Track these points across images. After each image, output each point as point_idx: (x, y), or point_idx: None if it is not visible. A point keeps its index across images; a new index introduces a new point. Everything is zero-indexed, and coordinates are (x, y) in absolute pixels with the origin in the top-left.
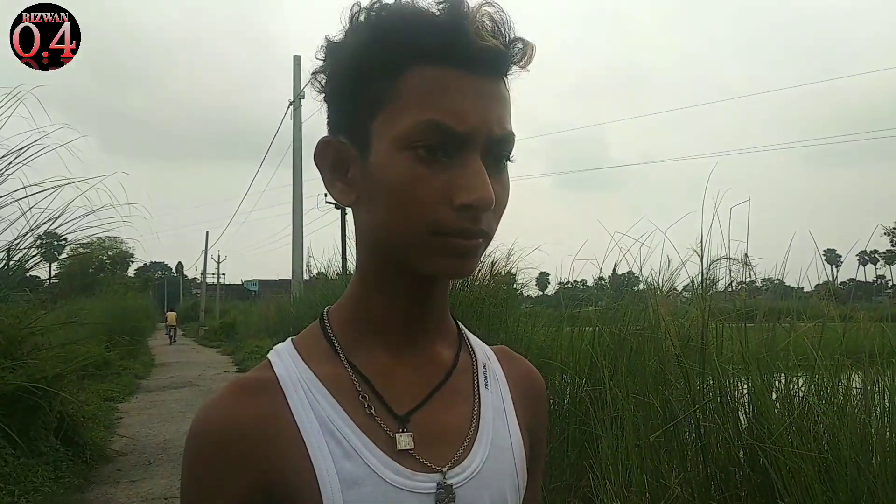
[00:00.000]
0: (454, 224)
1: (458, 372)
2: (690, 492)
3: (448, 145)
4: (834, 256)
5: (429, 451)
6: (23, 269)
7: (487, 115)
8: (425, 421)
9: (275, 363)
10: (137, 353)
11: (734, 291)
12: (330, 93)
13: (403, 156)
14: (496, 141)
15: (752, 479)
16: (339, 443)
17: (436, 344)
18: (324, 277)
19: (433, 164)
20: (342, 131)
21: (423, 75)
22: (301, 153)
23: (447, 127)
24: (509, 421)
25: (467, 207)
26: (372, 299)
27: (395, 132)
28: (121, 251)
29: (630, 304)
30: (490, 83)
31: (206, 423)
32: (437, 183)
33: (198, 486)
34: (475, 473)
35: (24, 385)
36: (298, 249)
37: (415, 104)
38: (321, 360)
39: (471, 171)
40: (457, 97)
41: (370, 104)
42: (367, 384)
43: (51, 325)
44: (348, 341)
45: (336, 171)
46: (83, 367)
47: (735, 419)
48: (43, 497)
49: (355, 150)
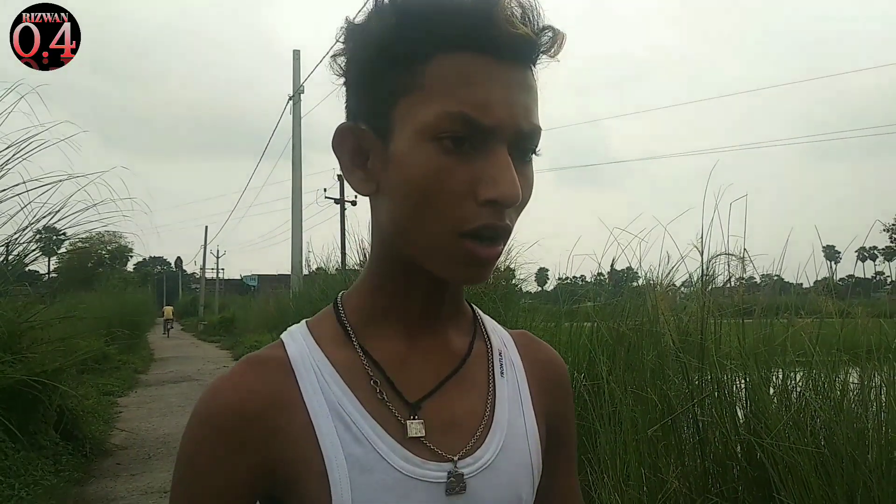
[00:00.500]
0: (479, 220)
1: (472, 360)
2: (688, 486)
3: (474, 138)
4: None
5: (440, 440)
6: (22, 264)
7: (515, 108)
8: (437, 409)
9: (287, 343)
10: (137, 347)
11: (733, 287)
12: (350, 77)
13: (428, 146)
14: (524, 135)
15: (749, 473)
16: (349, 428)
17: (450, 331)
18: (323, 272)
19: (458, 155)
20: (362, 118)
21: (450, 63)
22: (300, 148)
23: (474, 119)
24: (525, 410)
25: (492, 202)
26: (386, 289)
27: (419, 122)
28: (120, 246)
29: (629, 300)
30: (519, 73)
31: (213, 398)
32: (462, 175)
33: (195, 462)
34: (488, 464)
35: (24, 379)
36: (297, 244)
37: (441, 93)
38: (334, 344)
39: (497, 164)
40: (484, 88)
41: (393, 91)
42: (378, 370)
43: (50, 319)
44: (361, 327)
45: (356, 158)
46: (82, 362)
47: (733, 414)
48: (43, 490)
49: (376, 137)
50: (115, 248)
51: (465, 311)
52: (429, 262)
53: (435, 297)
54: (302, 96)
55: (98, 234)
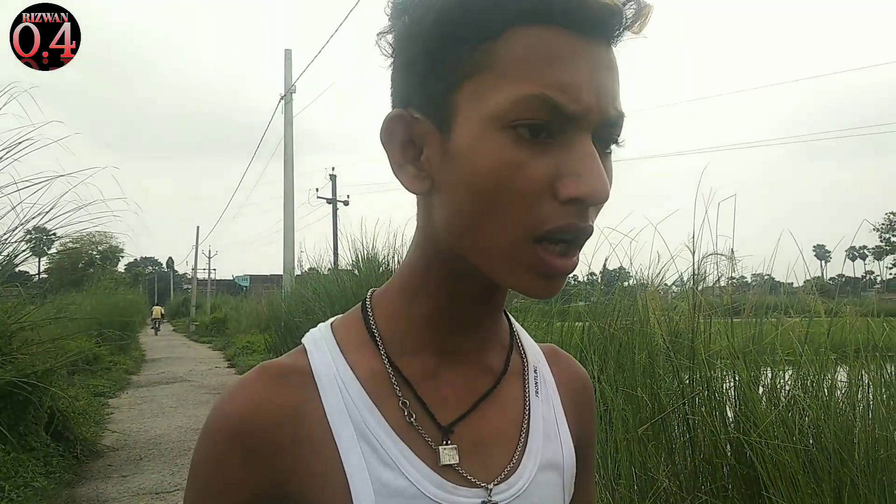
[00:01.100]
0: (560, 221)
1: (507, 378)
2: (678, 484)
3: (554, 125)
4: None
5: (473, 465)
6: (12, 264)
7: (602, 92)
8: (471, 431)
9: (311, 352)
10: (128, 348)
11: (723, 287)
12: (402, 58)
13: (499, 136)
14: (610, 122)
15: (738, 471)
16: (376, 450)
17: (487, 347)
18: (315, 272)
19: (535, 145)
20: (417, 104)
21: (526, 37)
22: (292, 148)
23: (558, 104)
24: (561, 432)
25: (577, 201)
26: (428, 294)
27: (489, 108)
28: (111, 246)
29: (620, 300)
30: (604, 50)
31: (228, 406)
32: (539, 170)
33: (208, 478)
34: (522, 491)
35: (14, 380)
36: (290, 244)
37: (516, 73)
38: (359, 353)
39: (581, 155)
40: (569, 67)
41: (456, 72)
42: (408, 388)
43: (40, 320)
44: (391, 336)
45: (408, 151)
46: (73, 363)
47: (722, 413)
48: (34, 492)
49: (434, 127)
50: (105, 248)
51: (503, 323)
52: (491, 269)
53: (480, 307)
54: (294, 96)
55: (89, 235)
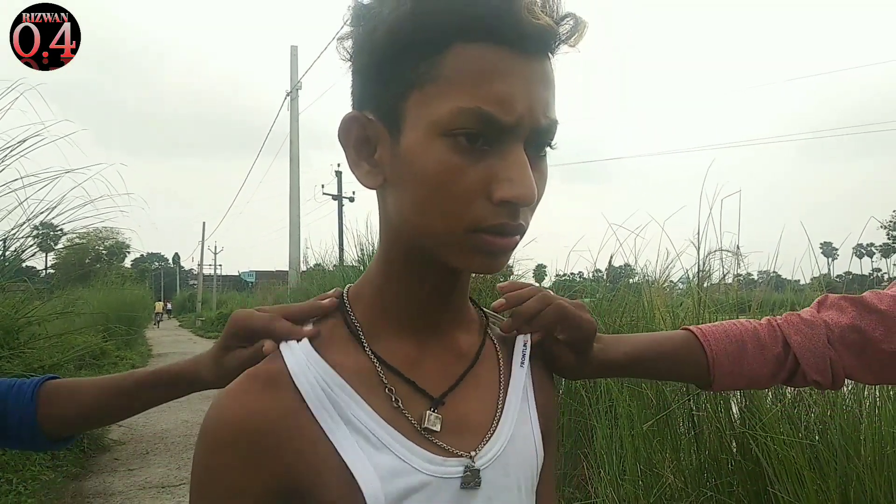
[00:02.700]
0: (492, 220)
1: (483, 358)
2: (683, 480)
3: (490, 134)
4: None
5: (456, 438)
6: (19, 260)
7: (534, 104)
8: (456, 404)
9: (286, 356)
10: (134, 343)
11: (729, 284)
12: (358, 64)
13: (441, 142)
14: (541, 131)
15: (743, 467)
16: (368, 439)
17: (457, 331)
18: (321, 268)
19: (472, 152)
20: (371, 107)
21: (466, 54)
22: (298, 144)
23: (491, 116)
24: (530, 402)
25: (508, 202)
26: (394, 285)
27: (433, 116)
28: (117, 242)
29: (625, 296)
30: (538, 65)
31: (219, 417)
32: (476, 174)
33: (209, 485)
34: (497, 455)
35: (22, 374)
36: (295, 240)
37: (457, 87)
38: (340, 348)
39: (513, 163)
40: (503, 82)
41: (406, 81)
42: (394, 374)
43: (47, 314)
44: (370, 328)
45: (362, 150)
46: (80, 357)
47: (727, 409)
48: (41, 485)
49: (385, 129)
50: (112, 243)
51: (471, 309)
52: (440, 253)
53: (444, 291)
54: (300, 92)
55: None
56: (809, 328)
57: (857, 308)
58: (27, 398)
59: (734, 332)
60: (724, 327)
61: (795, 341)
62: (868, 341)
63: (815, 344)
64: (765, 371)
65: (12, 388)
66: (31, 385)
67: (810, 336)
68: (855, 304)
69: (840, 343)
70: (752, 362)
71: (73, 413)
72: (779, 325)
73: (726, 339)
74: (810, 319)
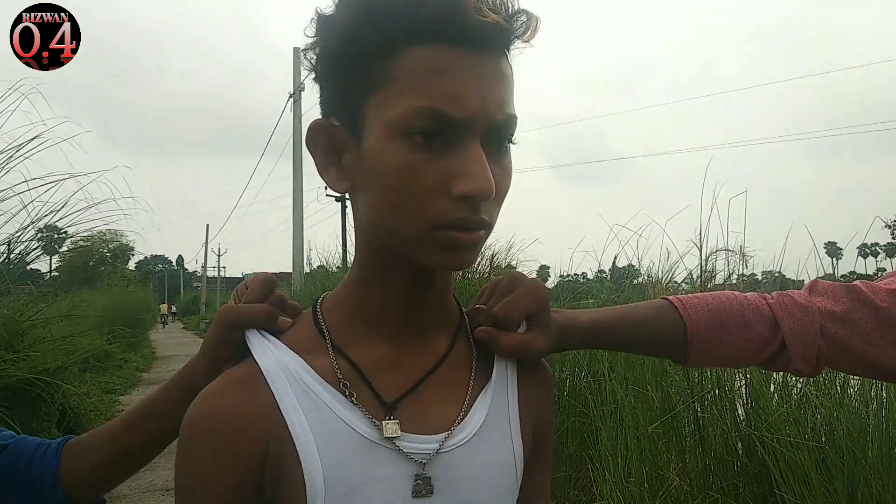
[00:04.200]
0: (453, 215)
1: (453, 360)
2: (689, 482)
3: (446, 132)
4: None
5: (415, 428)
6: (24, 262)
7: (487, 99)
8: (413, 406)
9: (258, 356)
10: (138, 345)
11: (733, 284)
12: (320, 73)
13: (398, 143)
14: (497, 126)
15: (749, 469)
16: (330, 421)
17: (436, 332)
18: (324, 270)
19: (430, 150)
20: (335, 114)
21: (418, 55)
22: (301, 146)
23: (444, 114)
24: (511, 415)
25: (466, 197)
26: (369, 288)
27: (389, 118)
28: (121, 244)
29: (629, 297)
30: (490, 62)
31: (200, 413)
32: (434, 172)
33: (191, 475)
34: (455, 463)
35: (26, 377)
36: (298, 242)
37: (409, 88)
38: (308, 348)
39: (470, 158)
40: (454, 80)
41: (362, 86)
42: (355, 372)
43: (52, 317)
44: (341, 330)
45: (329, 156)
46: (85, 360)
47: (733, 410)
48: None
49: (349, 134)
50: (116, 246)
51: (453, 311)
52: (408, 253)
53: (419, 291)
54: (302, 94)
55: (99, 233)
56: (804, 313)
57: (851, 298)
58: (51, 453)
59: (716, 305)
60: (706, 299)
61: (787, 326)
62: (858, 334)
63: (808, 331)
64: (745, 350)
65: (39, 448)
66: (57, 442)
67: (804, 322)
68: (850, 294)
69: (830, 335)
70: (733, 339)
71: (95, 460)
72: (769, 305)
73: (707, 312)
74: (804, 304)
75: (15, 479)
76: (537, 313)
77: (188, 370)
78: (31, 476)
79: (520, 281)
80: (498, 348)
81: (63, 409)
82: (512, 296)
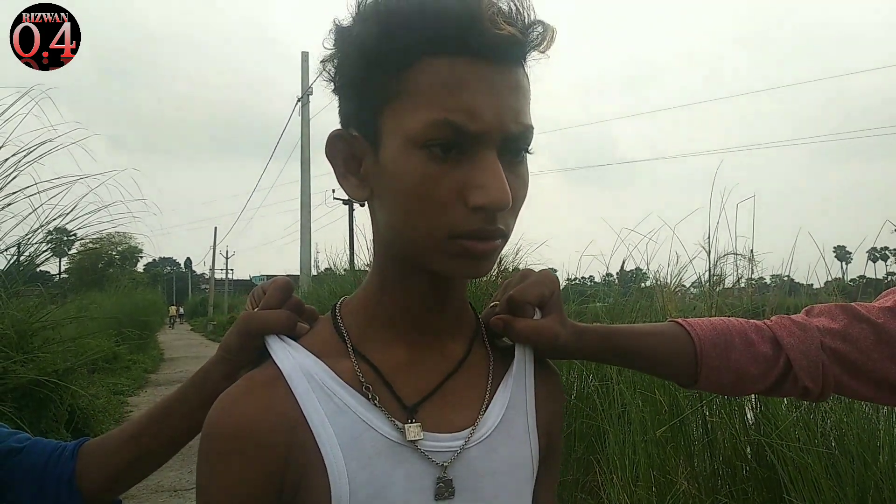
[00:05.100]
0: (470, 225)
1: (470, 365)
2: (697, 486)
3: (462, 144)
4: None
5: (436, 439)
6: (33, 265)
7: (503, 111)
8: (434, 408)
9: (280, 360)
10: (147, 347)
11: (742, 288)
12: (339, 84)
13: (416, 154)
14: (513, 137)
15: (758, 474)
16: (353, 420)
17: (453, 337)
18: (332, 273)
19: (447, 161)
20: (353, 124)
21: (434, 68)
22: (309, 149)
23: (460, 126)
24: (529, 416)
25: (483, 208)
26: (388, 293)
27: (406, 129)
28: (130, 247)
29: (637, 301)
30: (507, 73)
31: (222, 415)
32: (451, 182)
33: (213, 475)
34: (474, 464)
35: (36, 378)
36: (306, 245)
37: (426, 100)
38: (328, 352)
39: (486, 169)
40: (470, 93)
41: (380, 97)
42: (376, 375)
43: (61, 319)
44: (361, 334)
45: (349, 165)
46: (93, 361)
47: (742, 415)
48: None
49: (367, 144)
50: (125, 248)
51: (469, 317)
52: (426, 260)
53: (436, 298)
54: (311, 98)
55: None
56: (802, 331)
57: (847, 316)
58: (68, 456)
59: (720, 325)
60: (711, 321)
61: (788, 343)
62: (858, 349)
63: (808, 346)
64: (753, 369)
65: (56, 450)
66: (73, 444)
67: (803, 339)
68: (846, 312)
69: (831, 350)
70: (739, 357)
71: (112, 462)
72: (768, 326)
73: (712, 330)
74: (802, 322)
75: (31, 482)
76: (551, 298)
77: (205, 373)
78: (47, 479)
79: (532, 272)
80: (513, 333)
81: (72, 410)
82: (526, 282)
